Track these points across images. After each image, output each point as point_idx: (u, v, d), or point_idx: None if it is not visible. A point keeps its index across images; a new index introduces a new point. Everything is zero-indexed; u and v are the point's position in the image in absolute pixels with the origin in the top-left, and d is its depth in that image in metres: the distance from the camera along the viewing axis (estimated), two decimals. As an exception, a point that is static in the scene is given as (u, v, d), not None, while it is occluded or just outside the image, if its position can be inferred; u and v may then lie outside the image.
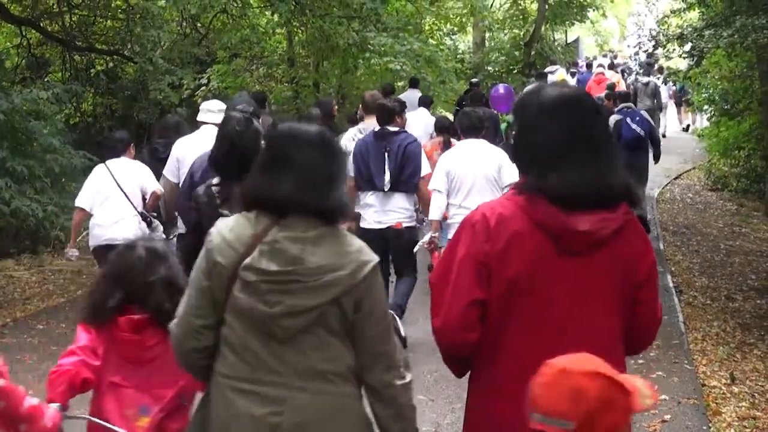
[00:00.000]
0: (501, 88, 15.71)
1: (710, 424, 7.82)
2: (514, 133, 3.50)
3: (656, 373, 9.08)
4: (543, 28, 33.82)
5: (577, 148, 3.20)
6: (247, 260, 3.31)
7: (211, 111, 9.38)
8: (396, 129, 9.24)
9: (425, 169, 9.08)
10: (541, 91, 3.39)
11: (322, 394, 3.36)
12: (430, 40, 26.92)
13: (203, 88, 19.27)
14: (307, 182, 3.37)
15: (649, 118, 15.83)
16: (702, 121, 29.31)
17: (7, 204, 11.63)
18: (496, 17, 34.88)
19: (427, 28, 28.50)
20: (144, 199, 9.31)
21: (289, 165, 3.40)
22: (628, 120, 15.14)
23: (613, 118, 15.13)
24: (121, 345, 3.98)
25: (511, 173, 8.57)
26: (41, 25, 18.78)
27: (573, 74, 29.64)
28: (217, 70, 19.81)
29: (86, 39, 19.41)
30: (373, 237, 8.28)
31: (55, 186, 13.64)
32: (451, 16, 31.35)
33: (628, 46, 39.44)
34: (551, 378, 2.76)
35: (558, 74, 25.81)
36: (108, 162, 9.36)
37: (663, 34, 17.48)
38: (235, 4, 19.36)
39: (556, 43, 35.64)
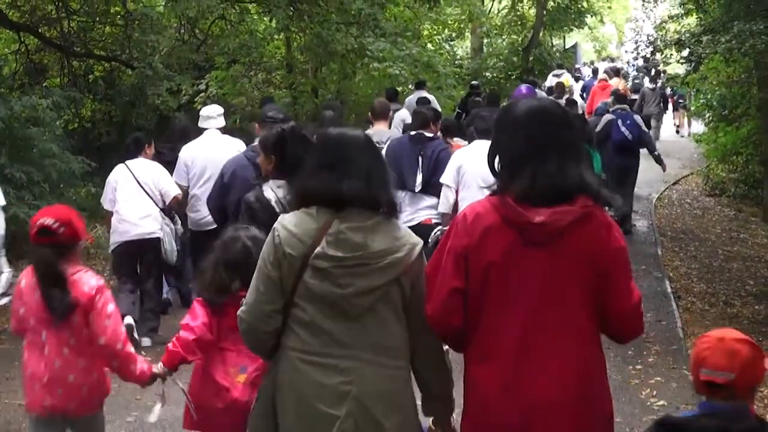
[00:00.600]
0: (524, 88, 16.16)
1: (709, 430, 7.82)
2: (490, 143, 4.02)
3: (654, 378, 9.09)
4: (541, 34, 33.87)
5: (537, 153, 3.67)
6: (318, 250, 3.82)
7: (211, 117, 10.10)
8: (431, 135, 9.91)
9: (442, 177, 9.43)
10: (513, 107, 3.92)
11: (384, 366, 3.88)
12: (429, 46, 26.94)
13: (202, 94, 19.27)
14: (363, 180, 3.92)
15: (641, 123, 15.98)
16: (696, 126, 29.44)
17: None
18: (494, 23, 34.95)
19: (425, 33, 28.54)
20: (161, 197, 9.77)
21: (346, 165, 3.94)
22: (619, 122, 15.37)
23: (605, 118, 15.58)
24: (229, 318, 4.60)
25: None
26: (40, 31, 18.79)
27: (577, 79, 29.55)
28: (215, 76, 19.81)
29: (85, 45, 19.42)
30: None
31: (54, 192, 13.64)
32: (450, 21, 31.42)
33: (626, 51, 39.50)
34: (712, 344, 3.69)
35: (564, 78, 26.03)
36: (127, 162, 9.76)
37: (661, 40, 17.50)
38: (234, 10, 19.37)
39: (554, 49, 35.70)
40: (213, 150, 9.78)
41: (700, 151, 27.31)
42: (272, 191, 5.91)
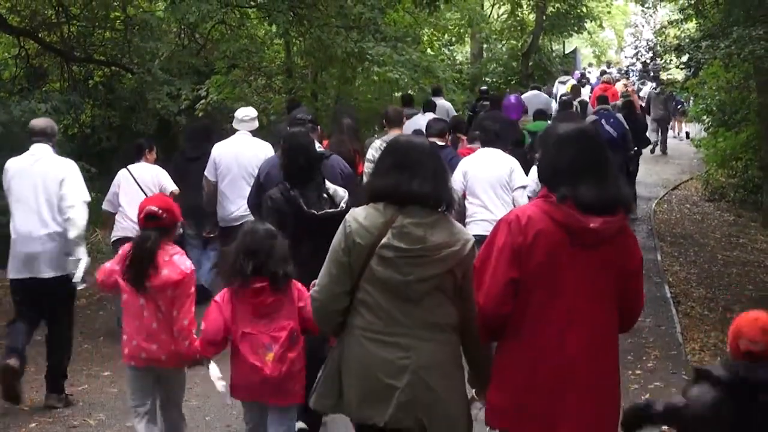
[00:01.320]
0: (512, 98, 17.86)
1: (708, 435, 7.82)
2: (538, 155, 4.72)
3: (654, 383, 9.10)
4: (540, 39, 33.87)
5: (589, 169, 4.28)
6: (384, 240, 4.43)
7: (243, 121, 10.83)
8: (443, 144, 10.81)
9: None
10: (560, 126, 4.56)
11: (438, 343, 4.50)
12: (429, 51, 26.94)
13: (203, 101, 19.26)
14: (430, 180, 4.53)
15: (624, 121, 16.76)
16: (691, 128, 29.61)
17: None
18: (493, 28, 34.93)
19: (425, 39, 28.53)
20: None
21: (411, 168, 4.54)
22: (603, 121, 16.21)
23: (589, 119, 16.59)
24: (249, 305, 5.66)
25: (521, 177, 9.82)
26: (39, 35, 18.75)
27: (583, 84, 29.70)
28: (215, 81, 19.80)
29: (84, 50, 19.39)
30: None
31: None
32: (450, 27, 31.39)
33: (626, 57, 39.50)
34: (749, 322, 4.44)
35: (568, 84, 26.60)
36: (129, 166, 10.51)
37: (660, 45, 17.52)
38: (234, 15, 19.36)
39: (553, 54, 35.69)
40: (240, 151, 10.52)
41: (700, 156, 27.32)
42: (297, 195, 6.64)
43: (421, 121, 14.51)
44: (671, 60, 17.73)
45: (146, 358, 6.18)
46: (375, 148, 10.83)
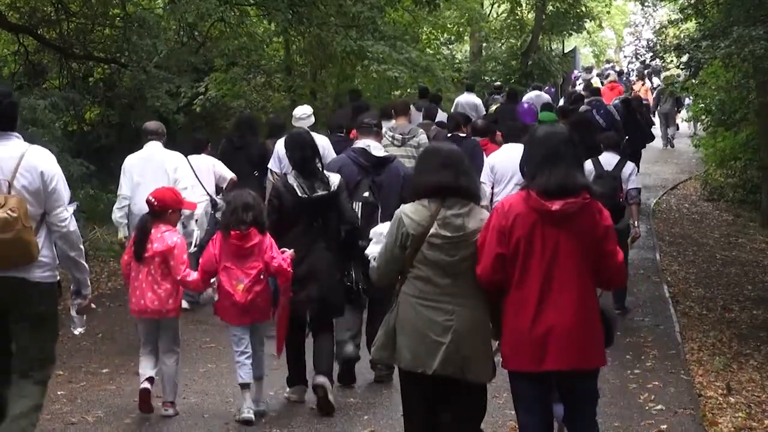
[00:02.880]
0: (525, 105, 19.04)
1: (707, 435, 7.83)
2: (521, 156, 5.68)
3: (652, 383, 9.08)
4: (540, 39, 33.86)
5: (550, 162, 5.35)
6: (432, 230, 5.51)
7: (301, 118, 12.30)
8: (464, 135, 12.59)
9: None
10: (535, 130, 5.74)
11: (474, 307, 5.56)
12: (428, 50, 26.95)
13: (201, 96, 19.25)
14: (464, 177, 5.63)
15: (614, 112, 17.63)
16: (684, 127, 29.97)
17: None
18: (493, 27, 34.94)
19: (424, 37, 28.54)
20: (217, 186, 12.01)
21: (452, 167, 5.62)
22: (594, 112, 17.08)
23: (582, 109, 17.57)
24: (233, 247, 7.58)
25: None
26: (39, 32, 18.75)
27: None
28: (214, 78, 19.81)
29: (84, 47, 19.38)
30: None
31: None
32: (449, 25, 31.40)
33: (625, 56, 39.51)
34: None
35: (593, 81, 28.65)
36: (189, 157, 11.33)
37: (660, 45, 17.50)
38: (233, 13, 19.35)
39: (553, 53, 35.67)
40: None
41: (699, 156, 27.33)
42: (294, 179, 7.90)
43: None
44: (671, 60, 17.68)
45: (144, 311, 7.80)
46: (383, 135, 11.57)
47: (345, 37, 19.02)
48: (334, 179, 7.96)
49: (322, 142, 10.91)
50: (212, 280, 7.76)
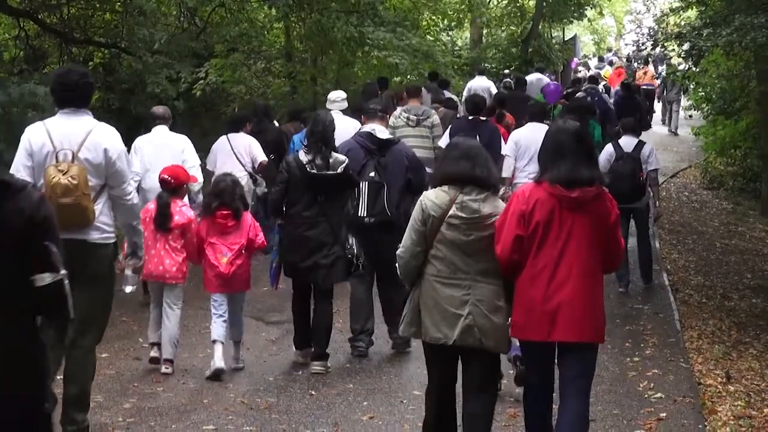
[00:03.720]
0: (551, 85, 20.66)
1: (706, 423, 7.82)
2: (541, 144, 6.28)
3: (652, 371, 9.09)
4: (540, 26, 33.78)
5: (566, 155, 5.92)
6: (451, 212, 6.05)
7: (336, 101, 12.95)
8: (485, 118, 13.35)
9: (504, 147, 12.50)
10: (554, 127, 6.41)
11: (489, 284, 6.07)
12: (428, 37, 26.87)
13: (201, 82, 19.20)
14: (478, 168, 6.14)
15: (608, 99, 19.65)
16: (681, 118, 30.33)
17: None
18: (493, 14, 34.83)
19: (424, 23, 28.46)
20: (253, 164, 12.65)
21: (472, 159, 6.18)
22: (589, 99, 18.39)
23: (578, 95, 19.07)
24: (216, 225, 8.67)
25: None
26: (39, 17, 18.69)
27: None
28: (214, 64, 19.75)
29: (84, 32, 19.33)
30: None
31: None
32: (449, 12, 31.30)
33: (626, 44, 39.47)
34: None
35: (604, 71, 30.18)
36: (229, 134, 12.62)
37: (661, 33, 17.45)
38: (233, -2, 19.33)
39: (553, 41, 35.59)
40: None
41: (699, 144, 27.30)
42: (305, 156, 8.61)
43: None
44: (673, 49, 17.68)
45: (162, 276, 8.68)
46: (395, 116, 13.22)
47: (345, 23, 18.98)
48: (340, 160, 8.63)
49: (355, 124, 12.03)
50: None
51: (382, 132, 9.35)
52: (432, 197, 6.19)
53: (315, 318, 8.84)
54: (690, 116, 28.79)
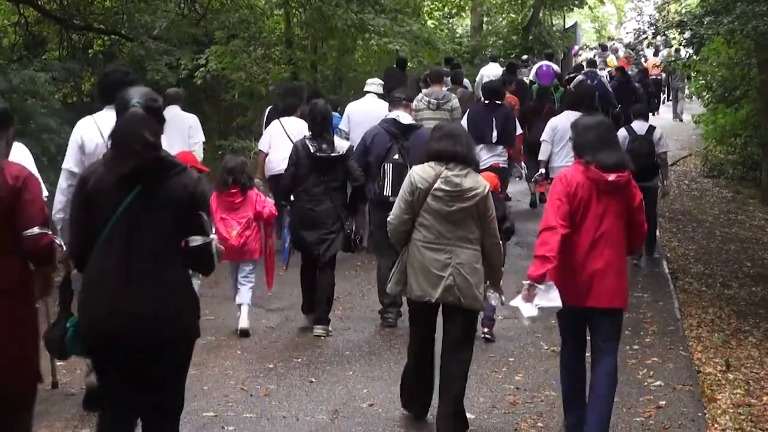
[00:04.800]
0: (544, 67, 20.71)
1: (705, 411, 7.82)
2: (571, 134, 7.19)
3: (651, 359, 9.09)
4: (541, 13, 33.73)
5: (604, 144, 6.73)
6: (436, 185, 6.78)
7: (375, 84, 14.03)
8: (500, 102, 14.34)
9: (519, 129, 14.22)
10: (584, 118, 7.32)
11: (469, 249, 6.85)
12: (429, 23, 26.85)
13: (201, 69, 19.17)
14: (459, 147, 6.88)
15: (606, 83, 20.30)
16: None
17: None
18: (494, 1, 34.78)
19: (425, 10, 28.44)
20: None
21: (450, 138, 6.94)
22: (588, 81, 19.02)
23: (577, 78, 19.99)
24: (225, 202, 9.54)
25: None
26: (39, 3, 18.68)
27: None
28: (214, 51, 19.72)
29: (84, 18, 19.31)
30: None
31: (53, 166, 13.55)
32: (449, -1, 31.30)
33: (627, 32, 39.41)
34: None
35: (609, 59, 30.43)
36: (282, 119, 13.02)
37: (662, 21, 17.43)
38: (234, -15, 19.31)
39: (554, 29, 35.54)
40: (369, 108, 13.19)
41: (699, 132, 27.28)
42: (309, 140, 9.61)
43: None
44: (674, 37, 17.66)
45: None
46: (418, 100, 13.85)
47: (346, 10, 18.95)
48: (343, 145, 9.76)
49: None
50: None
51: (405, 118, 10.17)
52: (419, 171, 6.93)
53: (318, 286, 9.68)
54: (691, 99, 28.94)
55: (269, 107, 14.89)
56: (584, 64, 26.70)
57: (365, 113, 13.03)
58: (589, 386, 6.77)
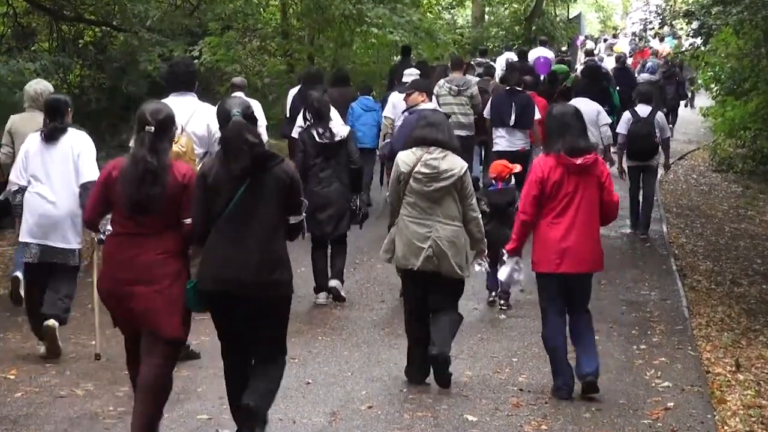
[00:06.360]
0: (542, 58, 22.89)
1: (715, 413, 7.79)
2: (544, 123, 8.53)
3: (659, 359, 9.06)
4: (544, 3, 33.72)
5: (570, 131, 7.83)
6: (416, 168, 7.91)
7: (412, 75, 14.84)
8: (521, 89, 15.29)
9: (537, 114, 14.71)
10: (555, 107, 8.57)
11: (449, 225, 7.98)
12: (428, 14, 26.83)
13: (195, 61, 19.11)
14: (440, 133, 8.05)
15: (608, 70, 21.98)
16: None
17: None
18: (496, -9, 34.79)
19: (425, 1, 28.41)
20: None
21: (432, 125, 8.12)
22: None
23: (580, 69, 22.40)
24: None
25: (605, 117, 14.83)
26: (28, -7, 18.65)
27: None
28: (208, 42, 19.69)
29: (75, 9, 19.25)
30: (506, 156, 13.02)
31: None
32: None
33: (632, 22, 39.41)
34: None
35: (616, 46, 32.65)
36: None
37: (669, 11, 17.41)
38: (229, -26, 19.27)
39: (557, 19, 35.54)
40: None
41: (707, 126, 27.25)
42: (314, 128, 10.65)
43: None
44: (681, 27, 17.65)
45: None
46: (439, 86, 15.41)
47: (343, 0, 18.92)
48: (343, 131, 10.82)
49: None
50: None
51: (426, 106, 11.28)
52: (403, 157, 8.11)
53: (333, 261, 10.91)
54: (698, 90, 29.14)
55: (293, 92, 15.47)
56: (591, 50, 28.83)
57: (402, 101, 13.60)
58: (573, 336, 8.05)
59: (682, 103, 28.33)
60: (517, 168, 10.95)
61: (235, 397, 6.45)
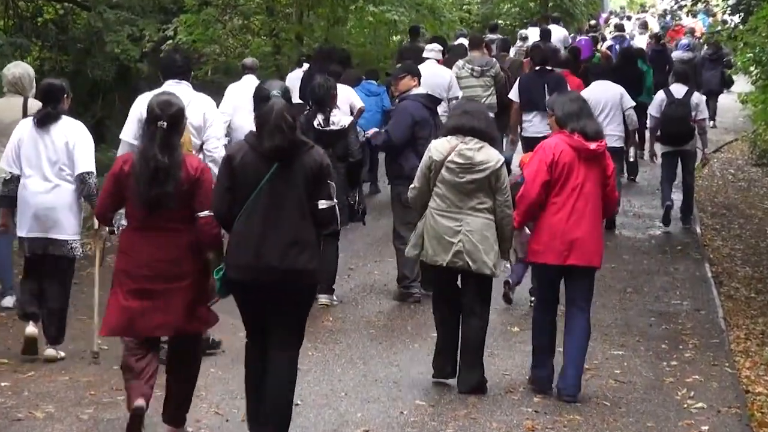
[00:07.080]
0: (583, 41, 24.23)
1: (754, 437, 7.83)
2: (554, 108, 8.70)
3: (692, 377, 9.08)
4: (563, -23, 33.75)
5: (585, 115, 8.42)
6: (449, 158, 8.34)
7: (433, 50, 15.37)
8: (551, 68, 15.68)
9: None
10: (567, 93, 10.06)
11: (479, 217, 8.39)
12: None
13: (169, 41, 19.13)
14: (476, 122, 8.47)
15: (632, 45, 23.58)
16: None
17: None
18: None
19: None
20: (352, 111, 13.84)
21: (469, 114, 8.57)
22: (617, 47, 23.54)
23: (606, 43, 25.40)
24: None
25: (629, 101, 14.82)
26: (-21, -35, 18.66)
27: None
28: (184, 21, 19.70)
29: (33, -18, 19.29)
30: (538, 143, 13.39)
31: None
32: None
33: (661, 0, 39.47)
34: None
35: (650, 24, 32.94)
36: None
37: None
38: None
39: (577, -6, 35.56)
40: (433, 72, 14.43)
41: (746, 114, 27.25)
42: (314, 114, 10.87)
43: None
44: (716, 4, 17.68)
45: None
46: (458, 67, 15.92)
47: (336, -28, 18.96)
48: (345, 120, 11.16)
49: (449, 72, 15.19)
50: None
51: (418, 91, 11.66)
52: (437, 145, 8.56)
53: (325, 257, 10.47)
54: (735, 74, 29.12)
55: (293, 75, 15.99)
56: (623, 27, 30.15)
57: (428, 76, 13.62)
58: (567, 338, 8.44)
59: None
60: None
61: (254, 381, 7.08)
